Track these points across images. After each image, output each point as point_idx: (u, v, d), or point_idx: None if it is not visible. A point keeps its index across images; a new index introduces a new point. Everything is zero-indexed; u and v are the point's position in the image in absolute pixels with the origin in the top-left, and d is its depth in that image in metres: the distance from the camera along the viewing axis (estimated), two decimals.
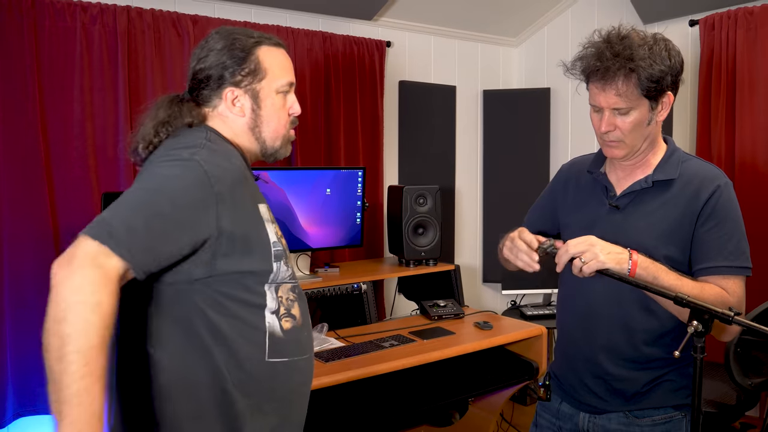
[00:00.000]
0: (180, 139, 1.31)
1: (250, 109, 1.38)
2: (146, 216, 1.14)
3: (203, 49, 1.38)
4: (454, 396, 2.61)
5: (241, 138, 1.40)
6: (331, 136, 3.33)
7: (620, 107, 1.48)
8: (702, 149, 3.19)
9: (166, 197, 1.17)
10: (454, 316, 2.94)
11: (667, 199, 1.54)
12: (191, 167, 1.21)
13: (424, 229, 3.13)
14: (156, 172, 1.23)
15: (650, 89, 1.46)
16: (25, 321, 2.50)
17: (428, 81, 3.79)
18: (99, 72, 2.63)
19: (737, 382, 2.28)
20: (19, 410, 2.51)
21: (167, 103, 1.38)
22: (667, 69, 1.46)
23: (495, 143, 4.06)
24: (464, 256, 4.01)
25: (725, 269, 1.50)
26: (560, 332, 1.78)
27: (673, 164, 1.57)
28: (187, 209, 1.18)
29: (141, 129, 1.36)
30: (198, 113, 1.37)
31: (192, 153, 1.24)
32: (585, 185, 1.71)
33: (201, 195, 1.20)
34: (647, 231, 1.54)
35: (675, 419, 1.59)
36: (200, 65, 1.37)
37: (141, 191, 1.18)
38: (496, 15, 3.86)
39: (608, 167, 1.67)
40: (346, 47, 3.34)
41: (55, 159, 2.57)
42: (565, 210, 1.75)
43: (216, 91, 1.37)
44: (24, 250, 2.50)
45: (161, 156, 1.27)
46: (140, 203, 1.15)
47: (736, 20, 3.06)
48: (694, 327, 1.25)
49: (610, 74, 1.45)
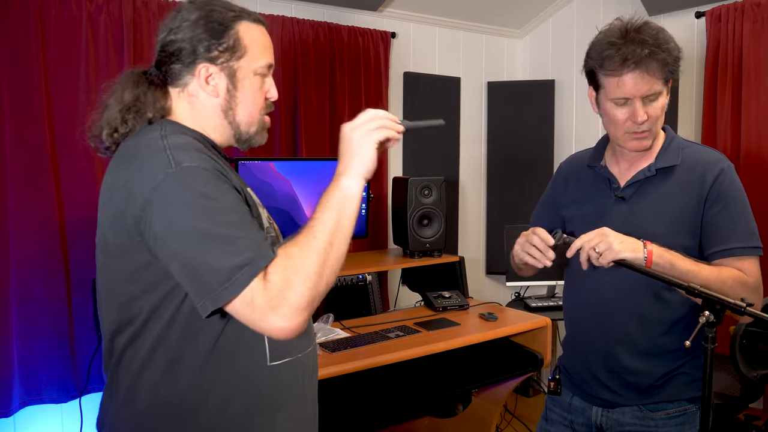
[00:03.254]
0: (141, 151, 1.17)
1: (225, 89, 1.25)
2: (239, 232, 1.08)
3: (175, 20, 1.24)
4: (458, 387, 2.62)
5: (209, 122, 1.27)
6: (335, 126, 3.31)
7: (652, 93, 1.48)
8: (708, 141, 3.19)
9: (224, 214, 1.09)
10: (458, 307, 2.95)
11: (672, 186, 1.55)
12: (198, 174, 1.11)
13: (429, 220, 3.13)
14: (183, 200, 1.09)
15: (672, 72, 1.50)
16: (31, 311, 2.51)
17: (433, 72, 3.78)
18: (105, 61, 2.62)
19: (742, 373, 2.28)
20: (25, 399, 2.52)
21: (132, 84, 1.25)
22: (678, 54, 1.52)
23: (499, 135, 4.05)
24: (468, 248, 4.02)
25: (739, 250, 1.50)
26: (570, 325, 1.77)
27: (673, 151, 1.58)
28: (236, 202, 1.14)
29: (106, 113, 1.25)
30: (161, 105, 1.26)
31: (178, 161, 1.12)
32: (586, 180, 1.71)
33: (228, 187, 1.14)
34: (656, 219, 1.55)
35: (689, 412, 1.59)
36: (171, 36, 1.23)
37: (195, 222, 1.07)
38: (501, 6, 3.85)
39: (609, 160, 1.67)
40: (351, 38, 3.33)
41: (61, 150, 2.56)
42: (568, 206, 1.75)
43: (188, 67, 1.24)
44: (30, 241, 2.50)
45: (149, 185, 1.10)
46: (211, 230, 1.07)
47: (743, 12, 3.05)
48: (705, 317, 1.26)
49: (645, 61, 1.45)
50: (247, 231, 1.09)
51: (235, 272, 1.03)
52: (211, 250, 1.05)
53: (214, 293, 1.04)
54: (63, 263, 2.57)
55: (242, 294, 1.04)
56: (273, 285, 1.04)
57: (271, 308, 1.04)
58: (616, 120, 1.53)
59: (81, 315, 2.61)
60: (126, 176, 1.14)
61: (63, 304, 2.57)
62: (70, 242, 2.59)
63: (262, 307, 1.04)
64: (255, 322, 1.06)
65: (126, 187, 1.13)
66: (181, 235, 1.07)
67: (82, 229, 2.60)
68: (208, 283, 1.05)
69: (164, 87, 1.27)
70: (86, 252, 2.60)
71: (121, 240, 1.16)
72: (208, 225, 1.06)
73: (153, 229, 1.09)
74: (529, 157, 4.00)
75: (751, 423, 2.88)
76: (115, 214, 1.16)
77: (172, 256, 1.08)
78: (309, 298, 1.06)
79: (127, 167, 1.16)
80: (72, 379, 2.60)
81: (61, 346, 2.57)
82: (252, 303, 1.04)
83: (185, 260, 1.07)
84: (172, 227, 1.08)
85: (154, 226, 1.09)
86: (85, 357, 2.61)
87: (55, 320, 2.55)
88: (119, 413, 1.24)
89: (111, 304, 1.23)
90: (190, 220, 1.07)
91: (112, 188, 1.18)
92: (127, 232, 1.13)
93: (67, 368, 2.59)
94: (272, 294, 1.04)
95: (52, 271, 2.55)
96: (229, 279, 1.03)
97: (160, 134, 1.18)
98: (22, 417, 2.57)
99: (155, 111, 1.25)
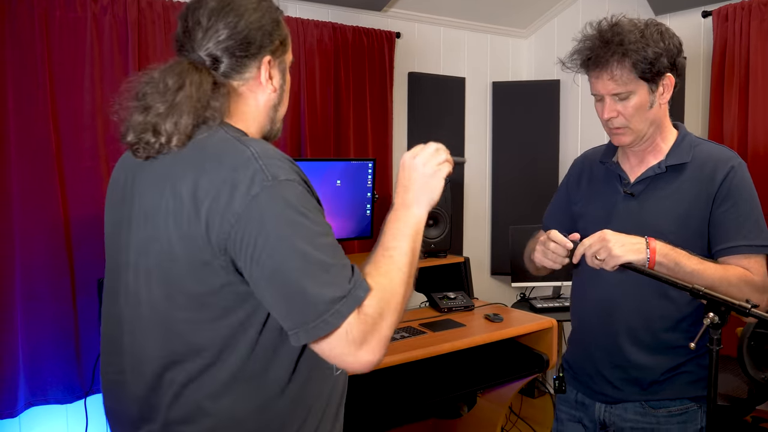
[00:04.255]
0: (227, 158, 1.06)
1: (279, 84, 1.21)
2: (336, 259, 1.04)
3: (231, 5, 1.13)
4: (463, 388, 2.61)
5: (257, 118, 1.21)
6: (340, 127, 3.32)
7: (618, 92, 1.50)
8: (714, 140, 3.17)
9: (320, 238, 1.04)
10: (464, 308, 2.94)
11: (682, 183, 1.56)
12: (296, 192, 1.05)
13: (434, 220, 3.12)
14: (295, 220, 1.02)
15: (645, 71, 1.48)
16: (37, 311, 2.51)
17: (437, 72, 3.77)
18: (109, 62, 2.63)
19: (750, 375, 2.26)
20: (30, 399, 2.53)
21: (197, 81, 1.11)
22: (661, 50, 1.49)
23: (504, 135, 4.04)
24: (473, 248, 4.00)
25: (745, 248, 1.50)
26: (576, 321, 1.77)
27: (685, 148, 1.59)
28: (324, 221, 1.08)
29: (174, 113, 1.08)
30: (225, 102, 1.14)
31: (276, 173, 1.04)
32: (598, 175, 1.73)
33: (317, 204, 1.09)
34: (664, 216, 1.55)
35: (690, 410, 1.59)
36: (240, 23, 1.13)
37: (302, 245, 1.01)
38: (505, 6, 3.84)
39: (620, 156, 1.68)
40: (355, 38, 3.32)
41: (66, 149, 2.57)
42: (580, 201, 1.75)
43: (254, 58, 1.16)
44: (35, 241, 2.51)
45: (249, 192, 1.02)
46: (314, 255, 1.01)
47: (750, 11, 3.03)
48: (710, 319, 1.25)
49: (603, 61, 1.49)
50: (340, 257, 1.04)
51: (335, 304, 0.99)
52: (310, 276, 1.00)
53: (308, 325, 1.00)
54: (68, 263, 2.57)
55: (338, 328, 1.00)
56: (368, 318, 1.02)
57: (363, 342, 1.01)
58: (598, 115, 1.59)
59: (86, 315, 2.61)
60: (207, 185, 1.03)
61: (68, 304, 2.57)
62: (75, 242, 2.60)
63: (355, 341, 1.01)
64: (341, 356, 1.02)
65: (209, 196, 1.03)
66: (282, 256, 1.00)
67: (87, 228, 2.60)
68: (304, 313, 1.00)
69: (222, 81, 1.15)
70: (91, 252, 2.60)
71: (194, 256, 1.05)
72: (308, 247, 1.00)
73: (245, 247, 1.01)
74: (535, 158, 3.99)
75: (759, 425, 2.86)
76: (189, 226, 1.05)
77: (268, 278, 1.01)
78: (394, 329, 1.06)
79: (209, 174, 1.04)
80: (77, 380, 2.60)
81: (67, 346, 2.57)
82: (345, 337, 1.00)
83: (282, 283, 1.00)
84: (270, 246, 1.00)
85: (247, 244, 1.00)
86: (90, 358, 2.62)
87: (60, 320, 2.55)
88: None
89: (165, 330, 1.11)
90: (290, 240, 1.00)
91: (184, 196, 1.05)
92: (207, 248, 1.03)
93: (72, 369, 2.59)
94: (367, 327, 1.01)
95: (57, 271, 2.55)
96: (328, 311, 0.99)
97: (231, 136, 1.10)
98: (27, 417, 2.57)
99: (222, 109, 1.14)
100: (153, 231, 1.10)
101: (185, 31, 1.17)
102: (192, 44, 1.16)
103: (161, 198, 1.09)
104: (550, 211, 1.88)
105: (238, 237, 1.01)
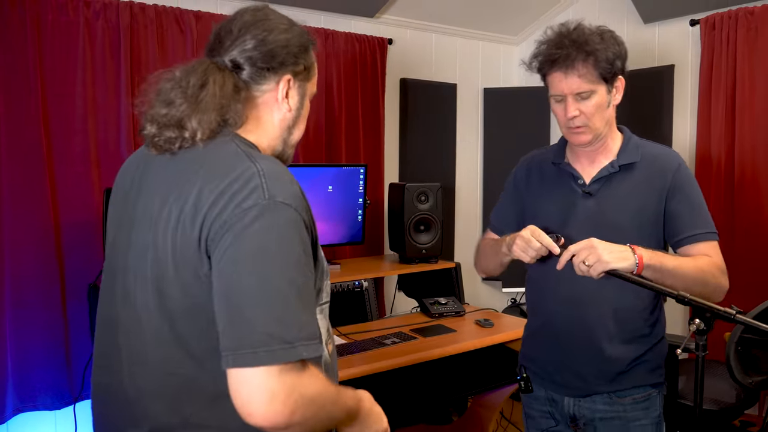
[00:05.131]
0: (234, 168, 1.06)
1: (296, 106, 1.23)
2: (297, 303, 1.01)
3: (263, 21, 1.18)
4: (454, 394, 2.62)
5: (269, 135, 1.22)
6: (332, 133, 3.33)
7: (583, 90, 1.58)
8: (702, 149, 3.20)
9: (294, 272, 1.02)
10: (455, 313, 2.95)
11: (635, 181, 1.65)
12: (289, 218, 1.04)
13: (425, 226, 3.14)
14: (263, 246, 1.01)
15: (606, 71, 1.57)
16: (26, 318, 2.50)
17: (429, 79, 3.79)
18: (101, 67, 2.63)
19: (738, 380, 2.28)
20: (19, 406, 2.52)
21: (220, 81, 1.13)
22: (617, 52, 1.59)
23: (495, 141, 4.06)
24: (464, 254, 4.01)
25: (702, 236, 1.62)
26: (539, 318, 1.80)
27: (632, 149, 1.68)
28: (309, 263, 1.06)
29: (199, 109, 1.10)
30: (243, 109, 1.16)
31: (273, 196, 1.03)
32: (549, 176, 1.78)
33: (307, 242, 1.07)
34: (622, 212, 1.64)
35: (652, 396, 1.70)
36: (269, 38, 1.16)
37: (268, 280, 0.99)
38: (497, 13, 3.87)
39: (570, 157, 1.75)
40: (347, 44, 3.34)
41: (57, 155, 2.57)
42: (532, 201, 1.81)
43: (275, 72, 1.18)
44: (25, 247, 2.50)
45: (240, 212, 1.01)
46: (280, 295, 0.99)
47: (737, 20, 3.07)
48: (696, 325, 1.26)
49: (570, 59, 1.57)
50: (307, 309, 1.03)
51: (275, 343, 0.96)
52: (265, 304, 0.98)
53: (238, 351, 0.96)
54: (58, 269, 2.56)
55: (266, 369, 0.96)
56: (299, 386, 0.99)
57: (280, 401, 0.96)
58: (556, 115, 1.67)
59: (76, 321, 2.61)
60: (208, 195, 1.04)
61: (58, 310, 2.56)
62: (65, 248, 2.59)
63: (273, 393, 0.96)
64: (249, 400, 0.97)
65: (207, 205, 1.04)
66: (243, 275, 0.99)
67: (78, 234, 2.60)
68: (241, 337, 0.97)
69: (242, 85, 1.17)
70: (82, 258, 2.60)
71: (187, 266, 1.06)
72: (278, 278, 0.99)
73: (216, 251, 1.01)
74: None
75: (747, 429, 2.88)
76: (184, 235, 1.06)
77: (225, 289, 1.00)
78: (304, 420, 1.00)
79: (212, 185, 1.05)
80: (66, 386, 2.59)
81: (56, 352, 2.56)
82: (265, 382, 0.96)
83: (233, 300, 0.99)
84: (236, 261, 0.99)
85: (218, 248, 1.01)
86: (80, 364, 2.61)
87: (50, 327, 2.55)
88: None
89: (162, 336, 1.10)
90: (261, 263, 0.99)
91: (186, 206, 1.06)
92: (197, 255, 1.04)
93: (62, 375, 2.58)
94: (292, 391, 0.97)
95: (48, 277, 2.55)
96: (265, 345, 0.96)
97: (242, 151, 1.10)
98: (15, 424, 2.56)
99: (242, 114, 1.16)
100: (152, 237, 1.10)
101: (217, 38, 1.21)
102: (219, 50, 1.18)
103: (165, 205, 1.10)
104: (499, 212, 1.95)
105: (217, 241, 1.02)
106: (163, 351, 1.10)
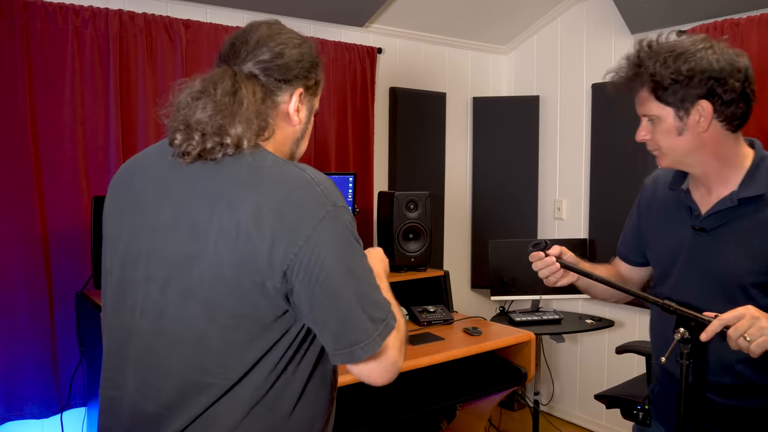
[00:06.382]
0: (287, 180, 1.09)
1: (305, 120, 1.24)
2: (375, 282, 1.13)
3: (279, 35, 1.20)
4: (442, 401, 2.62)
5: (280, 149, 1.22)
6: (322, 141, 3.34)
7: (644, 114, 1.42)
8: None
9: (365, 260, 1.14)
10: (443, 321, 2.96)
11: (760, 218, 1.37)
12: (350, 220, 1.12)
13: (414, 234, 3.15)
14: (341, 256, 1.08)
15: (661, 94, 1.36)
16: (14, 326, 2.49)
17: (419, 88, 3.81)
18: (90, 75, 2.62)
19: None
20: (5, 415, 2.50)
21: (251, 90, 1.14)
22: (683, 75, 1.33)
23: (484, 150, 4.09)
24: (453, 262, 4.03)
25: None
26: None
27: (760, 177, 1.38)
28: None
29: (238, 118, 1.10)
30: (273, 122, 1.18)
31: (332, 205, 1.09)
32: (667, 202, 1.56)
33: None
34: (739, 257, 1.38)
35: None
36: (285, 51, 1.18)
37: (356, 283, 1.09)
38: (486, 23, 3.90)
39: (691, 183, 1.50)
40: (337, 53, 3.35)
41: (45, 162, 2.56)
42: (650, 229, 1.62)
43: (289, 84, 1.19)
44: (13, 254, 2.49)
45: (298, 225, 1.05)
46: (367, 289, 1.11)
47: (722, 31, 3.11)
48: (680, 334, 1.28)
49: (634, 79, 1.41)
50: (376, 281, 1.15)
51: (381, 324, 1.09)
52: (365, 298, 1.09)
53: (361, 343, 1.08)
54: (45, 277, 2.55)
55: (381, 350, 1.10)
56: (399, 336, 1.14)
57: (397, 360, 1.13)
58: None
59: (63, 330, 2.60)
60: (271, 204, 1.05)
61: (45, 318, 2.55)
62: (53, 255, 2.58)
63: (395, 360, 1.13)
64: (382, 373, 1.13)
65: (273, 216, 1.04)
66: (343, 278, 1.07)
67: (65, 242, 2.59)
68: (358, 331, 1.07)
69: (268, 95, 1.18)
70: (70, 265, 2.59)
71: (247, 276, 1.05)
72: (362, 270, 1.10)
73: (311, 268, 1.04)
74: (514, 172, 4.04)
75: None
76: (247, 246, 1.04)
77: (330, 298, 1.06)
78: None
79: (271, 194, 1.06)
80: (54, 395, 2.58)
81: (43, 361, 2.55)
82: (386, 354, 1.11)
83: (341, 303, 1.07)
84: (335, 269, 1.06)
85: (314, 265, 1.04)
86: (67, 372, 2.60)
87: (37, 335, 2.53)
88: None
89: (198, 347, 1.10)
90: (350, 264, 1.08)
91: (241, 215, 1.05)
92: (266, 268, 1.04)
93: (49, 384, 2.56)
94: (400, 345, 1.14)
95: (35, 285, 2.53)
96: (377, 331, 1.08)
97: (284, 161, 1.13)
98: None
99: (271, 127, 1.17)
100: (198, 247, 1.08)
101: (232, 48, 1.20)
102: (236, 59, 1.18)
103: (212, 215, 1.07)
104: (625, 237, 1.73)
105: (306, 258, 1.04)
106: (201, 362, 1.10)
